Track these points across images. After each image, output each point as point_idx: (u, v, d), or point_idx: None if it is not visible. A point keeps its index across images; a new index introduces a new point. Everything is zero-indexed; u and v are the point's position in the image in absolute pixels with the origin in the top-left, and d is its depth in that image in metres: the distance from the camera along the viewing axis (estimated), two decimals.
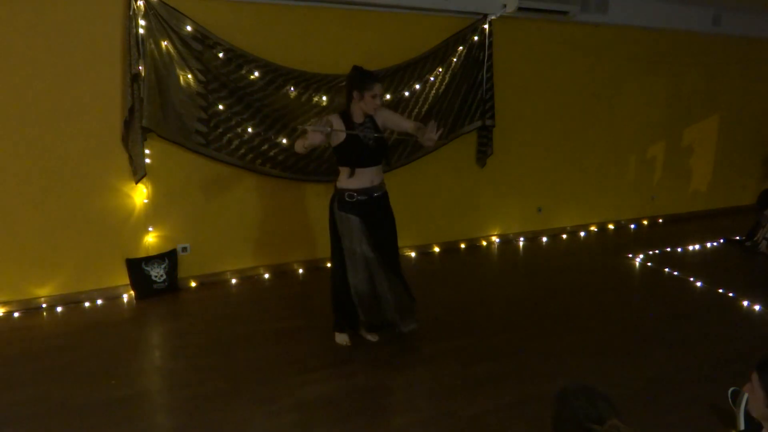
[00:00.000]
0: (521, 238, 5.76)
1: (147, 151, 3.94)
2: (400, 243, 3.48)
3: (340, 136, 3.12)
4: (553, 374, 3.12)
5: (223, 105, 4.08)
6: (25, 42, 3.59)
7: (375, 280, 3.28)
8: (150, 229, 4.18)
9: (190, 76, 3.94)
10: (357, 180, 3.17)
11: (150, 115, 3.82)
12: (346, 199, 3.17)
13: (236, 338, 3.53)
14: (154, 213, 4.16)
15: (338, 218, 3.21)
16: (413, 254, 5.22)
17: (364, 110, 3.15)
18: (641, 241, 5.83)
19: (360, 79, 3.11)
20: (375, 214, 3.23)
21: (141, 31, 3.72)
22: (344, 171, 3.19)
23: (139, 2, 3.69)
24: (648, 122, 6.29)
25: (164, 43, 3.82)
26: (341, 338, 3.46)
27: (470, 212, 5.49)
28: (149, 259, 4.14)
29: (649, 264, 5.09)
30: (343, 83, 4.36)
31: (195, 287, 4.37)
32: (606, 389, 2.93)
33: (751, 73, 6.79)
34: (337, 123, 3.13)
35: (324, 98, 4.35)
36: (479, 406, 2.83)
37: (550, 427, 1.41)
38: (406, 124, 3.26)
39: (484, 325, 3.81)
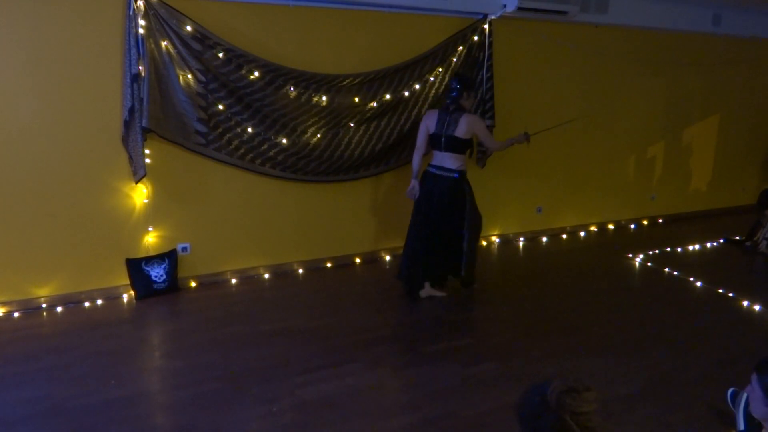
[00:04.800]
0: (521, 238, 5.76)
1: (147, 151, 3.94)
2: (399, 242, 3.54)
3: None
4: (553, 374, 3.12)
5: (223, 105, 4.08)
6: (25, 42, 3.59)
7: None
8: (150, 229, 4.18)
9: (190, 76, 3.94)
10: None
11: (150, 115, 3.82)
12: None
13: (236, 338, 3.53)
14: (154, 213, 4.16)
15: (472, 194, 4.09)
16: None
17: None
18: (641, 241, 5.83)
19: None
20: None
21: (141, 31, 3.72)
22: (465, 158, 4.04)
23: (139, 2, 3.69)
24: (648, 122, 6.29)
25: (164, 43, 3.82)
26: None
27: None
28: (149, 259, 4.14)
29: (649, 264, 5.09)
30: (344, 83, 4.38)
31: (195, 287, 4.37)
32: (606, 389, 2.95)
33: (751, 73, 6.79)
34: None
35: (324, 98, 4.35)
36: (479, 406, 2.83)
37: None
38: None
39: (484, 325, 3.81)
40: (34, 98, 3.67)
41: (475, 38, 4.88)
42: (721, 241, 5.85)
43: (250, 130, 4.21)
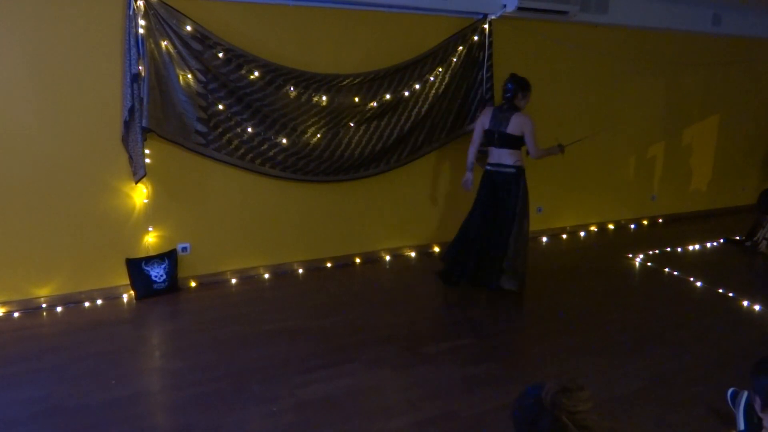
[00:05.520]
0: None
1: (147, 151, 3.94)
2: (399, 242, 3.54)
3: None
4: (553, 374, 3.12)
5: (223, 105, 4.08)
6: (25, 42, 3.59)
7: None
8: (150, 229, 4.18)
9: (190, 76, 3.94)
10: None
11: (150, 115, 3.81)
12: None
13: (236, 338, 3.53)
14: (154, 213, 4.16)
15: (526, 190, 4.29)
16: (413, 254, 5.22)
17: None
18: (641, 241, 5.83)
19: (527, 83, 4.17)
20: None
21: (141, 31, 3.72)
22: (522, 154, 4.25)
23: (139, 2, 3.69)
24: (648, 122, 6.29)
25: (164, 43, 3.82)
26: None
27: None
28: (149, 259, 4.14)
29: (649, 264, 5.09)
30: (344, 83, 4.38)
31: (195, 287, 4.37)
32: (606, 389, 2.95)
33: (751, 73, 6.79)
34: None
35: (324, 98, 4.35)
36: (479, 406, 2.83)
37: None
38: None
39: (484, 325, 3.81)
40: (34, 98, 3.67)
41: (475, 38, 4.88)
42: (721, 241, 5.85)
43: (250, 130, 4.21)
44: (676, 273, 4.83)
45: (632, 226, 6.41)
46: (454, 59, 4.83)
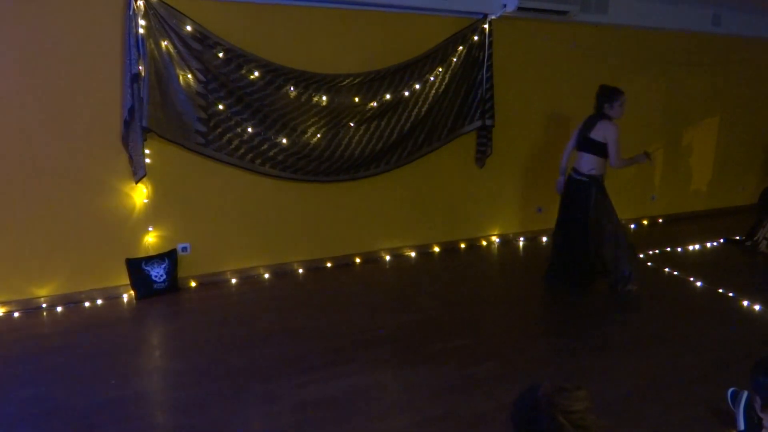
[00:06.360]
0: (521, 238, 5.76)
1: (147, 151, 3.94)
2: (399, 242, 3.53)
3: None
4: (553, 374, 3.12)
5: (223, 105, 4.08)
6: (25, 42, 3.59)
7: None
8: (150, 229, 4.18)
9: (190, 76, 3.94)
10: None
11: (150, 115, 3.82)
12: (603, 183, 4.24)
13: (236, 338, 3.53)
14: (154, 213, 4.16)
15: (600, 199, 4.22)
16: (413, 254, 5.22)
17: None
18: (641, 241, 5.82)
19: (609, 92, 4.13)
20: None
21: (141, 31, 3.72)
22: (605, 162, 4.19)
23: (139, 2, 3.69)
24: (648, 122, 6.29)
25: (164, 43, 3.82)
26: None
27: (470, 212, 5.49)
28: (149, 259, 4.15)
29: (649, 264, 5.09)
30: (344, 83, 4.38)
31: (195, 287, 4.37)
32: (606, 389, 2.95)
33: (751, 73, 6.79)
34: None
35: (324, 98, 4.35)
36: (479, 406, 2.83)
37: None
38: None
39: (484, 325, 3.81)
40: (34, 98, 3.67)
41: (475, 38, 4.88)
42: (721, 241, 5.85)
43: (250, 130, 4.21)
44: (676, 273, 4.83)
45: (632, 225, 6.40)
46: (454, 59, 4.83)
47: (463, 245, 5.48)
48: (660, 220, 6.64)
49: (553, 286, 4.46)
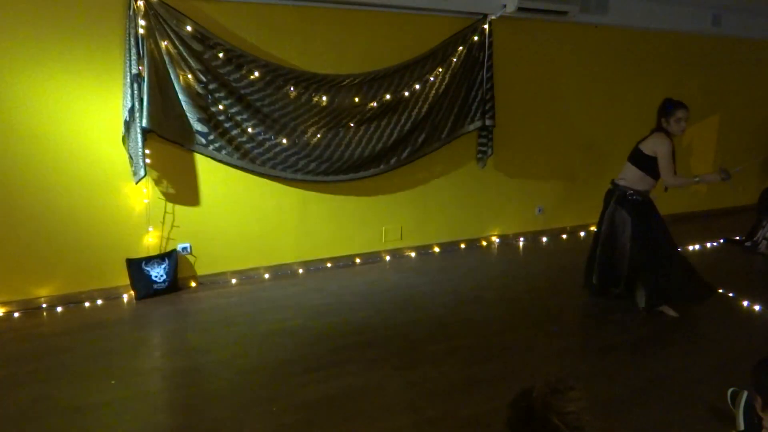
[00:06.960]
0: (521, 238, 5.76)
1: (147, 151, 3.94)
2: (399, 242, 3.53)
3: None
4: (553, 374, 3.11)
5: (223, 105, 4.08)
6: (25, 42, 3.59)
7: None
8: (150, 229, 4.18)
9: (190, 76, 3.94)
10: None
11: (150, 116, 3.81)
12: (637, 201, 4.00)
13: (236, 338, 3.53)
14: (154, 213, 4.16)
15: (627, 218, 3.99)
16: (413, 254, 5.22)
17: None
18: None
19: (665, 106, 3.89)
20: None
21: (141, 31, 3.72)
22: (646, 179, 3.95)
23: (139, 2, 3.69)
24: (648, 122, 6.25)
25: (164, 43, 3.82)
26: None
27: (470, 212, 5.49)
28: (149, 259, 4.15)
29: None
30: (344, 83, 4.38)
31: (195, 287, 4.37)
32: (605, 389, 2.95)
33: (750, 73, 6.79)
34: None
35: (324, 98, 4.35)
36: (479, 406, 2.83)
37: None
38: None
39: (484, 325, 3.80)
40: (34, 98, 3.67)
41: (475, 38, 4.88)
42: (721, 241, 5.85)
43: (250, 130, 4.21)
44: None
45: None
46: (454, 59, 4.83)
47: (463, 245, 5.48)
48: None
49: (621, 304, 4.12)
